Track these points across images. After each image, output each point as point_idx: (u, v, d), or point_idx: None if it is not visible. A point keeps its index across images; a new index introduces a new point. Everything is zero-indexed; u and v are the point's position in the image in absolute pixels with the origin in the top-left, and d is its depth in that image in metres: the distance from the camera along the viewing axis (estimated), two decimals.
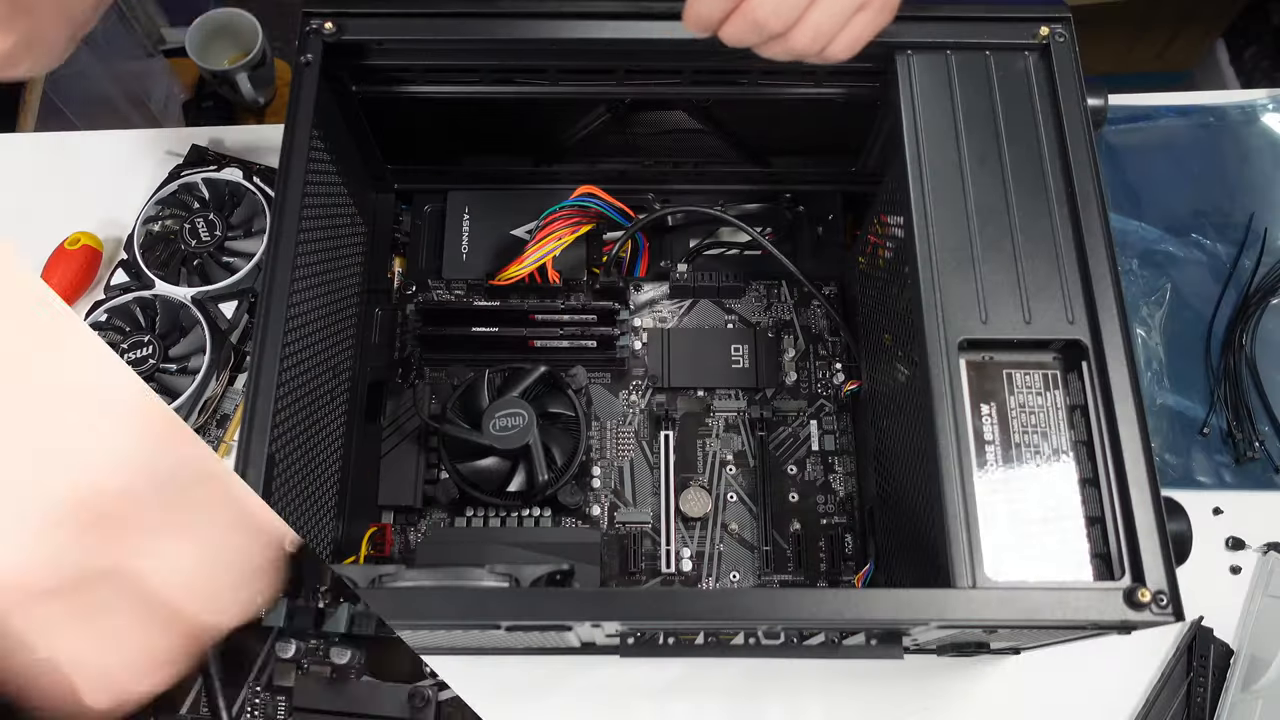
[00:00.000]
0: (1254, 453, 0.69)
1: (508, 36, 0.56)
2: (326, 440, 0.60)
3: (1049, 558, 0.46)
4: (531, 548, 0.62)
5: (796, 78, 0.60)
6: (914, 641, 0.53)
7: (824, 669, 0.64)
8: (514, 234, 0.70)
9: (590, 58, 0.58)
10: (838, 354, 0.70)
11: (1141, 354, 0.73)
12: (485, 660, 0.64)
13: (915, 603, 0.43)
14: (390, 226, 0.72)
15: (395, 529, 0.65)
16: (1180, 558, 0.46)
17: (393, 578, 0.46)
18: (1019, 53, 0.54)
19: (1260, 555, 0.67)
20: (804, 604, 0.43)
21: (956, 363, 0.48)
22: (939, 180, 0.51)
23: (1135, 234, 0.77)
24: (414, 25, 0.56)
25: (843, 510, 0.65)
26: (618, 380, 0.69)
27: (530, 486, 0.63)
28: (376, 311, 0.69)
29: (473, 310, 0.67)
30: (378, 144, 0.67)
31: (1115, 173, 0.79)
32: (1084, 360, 0.48)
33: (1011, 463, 0.47)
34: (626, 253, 0.70)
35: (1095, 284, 0.49)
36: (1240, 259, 0.76)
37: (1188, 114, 0.81)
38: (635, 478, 0.67)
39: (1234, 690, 0.63)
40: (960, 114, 0.53)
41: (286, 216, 0.51)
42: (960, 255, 0.50)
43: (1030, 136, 0.52)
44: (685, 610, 0.43)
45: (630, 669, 0.63)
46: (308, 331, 0.55)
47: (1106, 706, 0.63)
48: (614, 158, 0.70)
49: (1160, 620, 0.43)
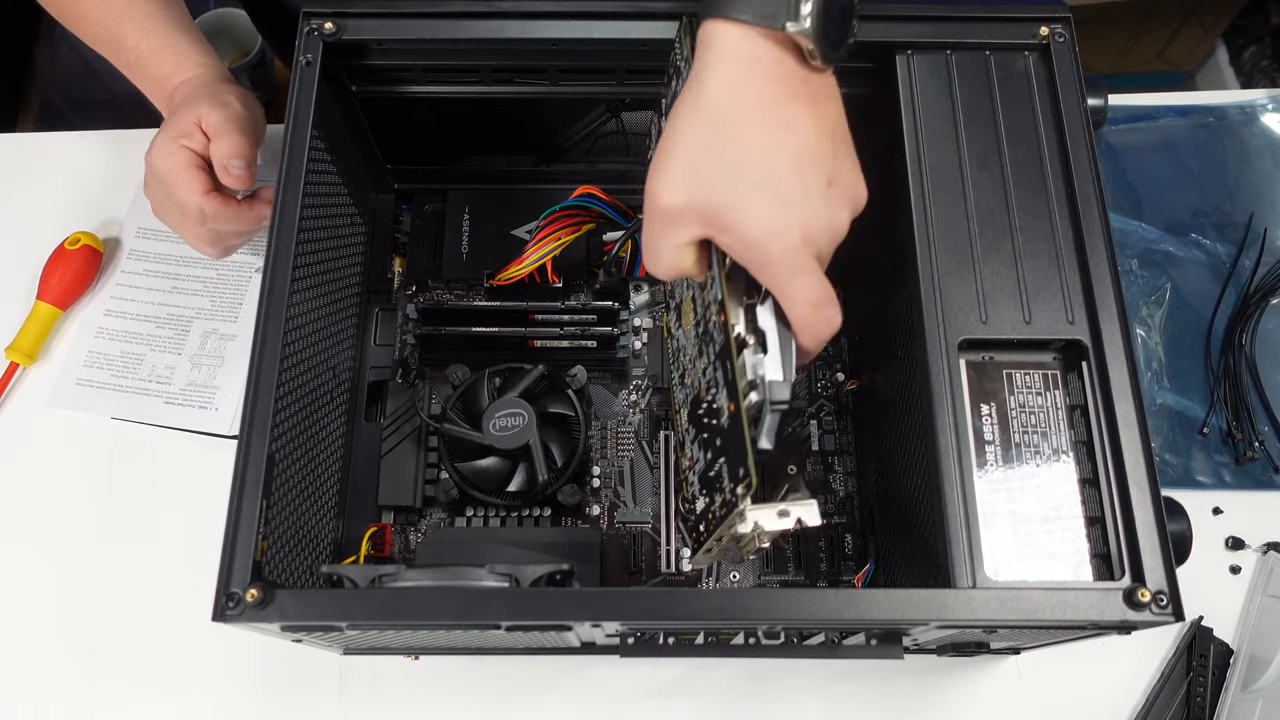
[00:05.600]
0: (1254, 453, 0.69)
1: (508, 36, 0.56)
2: (326, 440, 0.60)
3: (1049, 557, 0.46)
4: (531, 548, 0.62)
5: None
6: (914, 641, 0.53)
7: (824, 669, 0.64)
8: (514, 234, 0.70)
9: (590, 58, 0.58)
10: (838, 354, 0.70)
11: (1141, 354, 0.73)
12: (485, 660, 0.64)
13: (915, 603, 0.43)
14: (390, 226, 0.72)
15: (395, 529, 0.65)
16: (1180, 558, 0.46)
17: (393, 578, 0.46)
18: (1019, 53, 0.54)
19: (1260, 555, 0.67)
20: (804, 604, 0.43)
21: (956, 363, 0.48)
22: (939, 180, 0.51)
23: (1135, 234, 0.77)
24: (414, 25, 0.56)
25: (843, 510, 0.65)
26: (618, 380, 0.69)
27: (530, 486, 0.63)
28: (376, 311, 0.69)
29: (473, 310, 0.67)
30: (378, 144, 0.67)
31: (1115, 173, 0.79)
32: (1084, 360, 0.48)
33: (1011, 463, 0.47)
34: (626, 253, 0.70)
35: (1095, 284, 0.49)
36: (1240, 259, 0.76)
37: (1188, 114, 0.82)
38: (635, 478, 0.67)
39: (1234, 690, 0.63)
40: (960, 114, 0.53)
41: (286, 216, 0.51)
42: (960, 255, 0.50)
43: (1030, 136, 0.52)
44: (685, 610, 0.43)
45: (630, 669, 0.64)
46: (308, 331, 0.55)
47: (1106, 706, 0.63)
48: (614, 158, 0.70)
49: (1160, 620, 0.43)
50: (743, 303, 0.47)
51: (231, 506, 0.46)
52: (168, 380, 0.72)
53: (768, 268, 0.43)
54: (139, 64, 0.68)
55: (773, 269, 0.43)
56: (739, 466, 0.46)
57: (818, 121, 0.43)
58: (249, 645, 0.63)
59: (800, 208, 0.42)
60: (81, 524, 0.68)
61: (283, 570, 0.50)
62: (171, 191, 0.64)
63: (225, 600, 0.44)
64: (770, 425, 0.46)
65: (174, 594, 0.65)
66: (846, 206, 0.44)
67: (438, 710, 0.63)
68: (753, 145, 0.43)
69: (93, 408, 0.72)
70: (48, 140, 0.83)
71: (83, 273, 0.74)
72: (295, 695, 0.64)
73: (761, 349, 0.46)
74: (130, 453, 0.70)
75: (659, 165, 0.44)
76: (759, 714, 0.63)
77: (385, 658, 0.64)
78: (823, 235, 0.43)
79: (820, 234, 0.43)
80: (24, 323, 0.73)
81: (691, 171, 0.43)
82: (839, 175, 0.44)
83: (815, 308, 0.44)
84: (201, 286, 0.76)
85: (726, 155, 0.43)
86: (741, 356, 0.46)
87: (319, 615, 0.44)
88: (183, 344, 0.74)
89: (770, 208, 0.42)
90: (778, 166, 0.42)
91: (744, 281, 0.46)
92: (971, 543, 0.45)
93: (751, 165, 0.42)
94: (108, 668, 0.64)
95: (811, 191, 0.43)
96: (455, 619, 0.44)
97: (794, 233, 0.42)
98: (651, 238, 0.46)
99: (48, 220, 0.77)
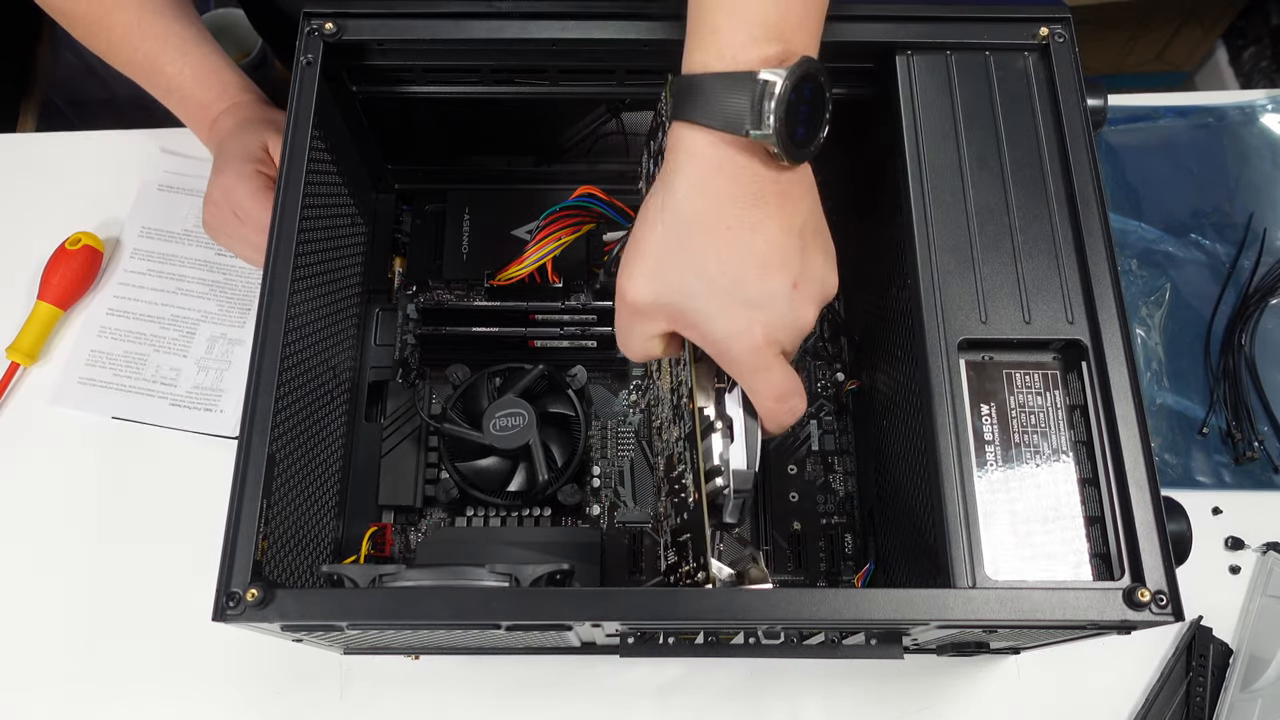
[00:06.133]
0: (1253, 453, 0.69)
1: (508, 36, 0.56)
2: (326, 440, 0.60)
3: (1049, 557, 0.46)
4: (531, 548, 0.62)
5: None
6: (914, 641, 0.53)
7: (824, 669, 0.64)
8: (514, 234, 0.70)
9: (590, 58, 0.58)
10: (838, 354, 0.70)
11: (1141, 354, 0.73)
12: (485, 660, 0.64)
13: (915, 603, 0.43)
14: (391, 226, 0.72)
15: (395, 529, 0.65)
16: (1180, 558, 0.46)
17: (393, 577, 0.46)
18: (1019, 53, 0.54)
19: (1259, 555, 0.67)
20: (804, 604, 0.43)
21: (956, 363, 0.48)
22: (939, 180, 0.51)
23: (1135, 234, 0.77)
24: (414, 25, 0.56)
25: (843, 510, 0.65)
26: (618, 380, 0.69)
27: (530, 486, 0.63)
28: (376, 311, 0.69)
29: (473, 310, 0.67)
30: (378, 144, 0.67)
31: (1115, 173, 0.79)
32: (1084, 360, 0.48)
33: (1011, 463, 0.47)
34: None
35: (1095, 284, 0.49)
36: (1239, 259, 0.76)
37: (1187, 114, 0.82)
38: (635, 478, 0.67)
39: (1233, 690, 0.63)
40: (960, 114, 0.53)
41: (286, 216, 0.51)
42: (960, 255, 0.50)
43: (1030, 136, 0.52)
44: (685, 610, 0.43)
45: (630, 669, 0.64)
46: (308, 331, 0.55)
47: (1106, 706, 0.63)
48: (614, 158, 0.70)
49: (1160, 620, 0.43)
50: (713, 386, 0.49)
51: (232, 506, 0.46)
52: (173, 382, 0.72)
53: (732, 364, 0.45)
54: (179, 90, 0.69)
55: (737, 365, 0.45)
56: (700, 555, 0.48)
57: (784, 222, 0.44)
58: (249, 645, 0.63)
59: (764, 310, 0.43)
60: (82, 523, 0.68)
61: (283, 570, 0.50)
62: (250, 215, 0.65)
63: (225, 600, 0.44)
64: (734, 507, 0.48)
65: (174, 594, 0.65)
66: (813, 303, 0.45)
67: (438, 710, 0.63)
68: (718, 248, 0.43)
69: (95, 407, 0.72)
70: (48, 140, 0.83)
71: (83, 273, 0.74)
72: (295, 695, 0.64)
73: (729, 435, 0.48)
74: (131, 452, 0.70)
75: (628, 262, 0.45)
76: (759, 714, 0.63)
77: (385, 658, 0.64)
78: (786, 334, 0.44)
79: (784, 333, 0.44)
80: (25, 323, 0.73)
81: (658, 271, 0.44)
82: (806, 273, 0.45)
83: (779, 400, 0.45)
84: (208, 290, 0.76)
85: (692, 257, 0.43)
86: (708, 440, 0.48)
87: (319, 615, 0.44)
88: (188, 346, 0.74)
89: (733, 311, 0.43)
90: (742, 269, 0.43)
91: (712, 366, 0.48)
92: (971, 542, 0.45)
93: (716, 268, 0.43)
94: (108, 667, 0.64)
95: (776, 293, 0.43)
96: (455, 619, 0.44)
97: (757, 333, 0.43)
98: (622, 328, 0.48)
99: (48, 220, 0.77)
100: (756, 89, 0.42)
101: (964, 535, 0.45)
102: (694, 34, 0.45)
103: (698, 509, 0.48)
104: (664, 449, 0.59)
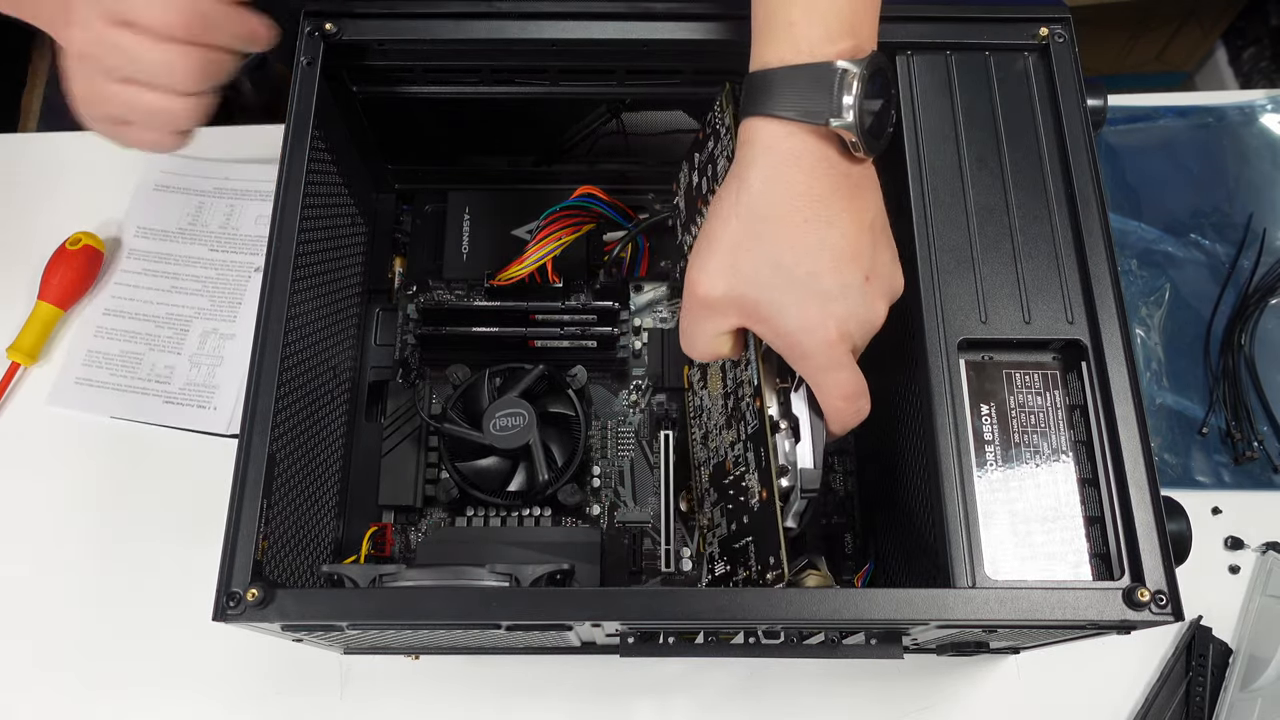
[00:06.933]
0: (1253, 452, 0.70)
1: (508, 36, 0.56)
2: (326, 440, 0.60)
3: (1048, 557, 0.46)
4: (531, 548, 0.62)
5: None
6: (914, 641, 0.53)
7: (824, 669, 0.64)
8: (514, 234, 0.70)
9: (590, 58, 0.58)
10: None
11: (1141, 354, 0.73)
12: (485, 660, 0.64)
13: (915, 602, 0.43)
14: (391, 227, 0.72)
15: (395, 529, 0.65)
16: (1179, 557, 0.46)
17: (393, 577, 0.46)
18: (1019, 53, 0.54)
19: (1259, 555, 0.67)
20: (804, 604, 0.43)
21: (956, 363, 0.48)
22: (939, 180, 0.52)
23: (1134, 234, 0.77)
24: (414, 25, 0.56)
25: (843, 510, 0.65)
26: (618, 380, 0.69)
27: (530, 486, 0.63)
28: (377, 311, 0.69)
29: (473, 310, 0.67)
30: (378, 144, 0.67)
31: (1115, 173, 0.79)
32: (1083, 360, 0.48)
33: (1011, 463, 0.47)
34: (627, 253, 0.70)
35: (1095, 284, 0.49)
36: (1239, 259, 0.76)
37: (1187, 114, 0.82)
38: (635, 478, 0.67)
39: (1233, 689, 0.63)
40: (960, 114, 0.53)
41: (286, 216, 0.52)
42: (960, 255, 0.50)
43: (1030, 137, 0.52)
44: (685, 610, 0.43)
45: (630, 669, 0.64)
46: (308, 331, 0.55)
47: (1106, 706, 0.63)
48: (614, 158, 0.70)
49: (1159, 620, 0.43)
50: (776, 386, 0.48)
51: (232, 506, 0.46)
52: (167, 380, 0.72)
53: (803, 360, 0.45)
54: None
55: (808, 362, 0.44)
56: (769, 554, 0.47)
57: (857, 216, 0.44)
58: (249, 645, 0.63)
59: (838, 303, 0.43)
60: (82, 523, 0.68)
61: (283, 570, 0.50)
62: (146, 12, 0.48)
63: (226, 600, 0.44)
64: (797, 509, 0.47)
65: (174, 594, 0.65)
66: (883, 298, 0.45)
67: (438, 710, 0.64)
68: (794, 241, 0.43)
69: (92, 407, 0.72)
70: (48, 140, 0.83)
71: (84, 273, 0.74)
72: (295, 695, 0.64)
73: (794, 435, 0.47)
74: (130, 452, 0.70)
75: (700, 255, 0.45)
76: (759, 714, 0.63)
77: (385, 658, 0.64)
78: (859, 329, 0.44)
79: (856, 328, 0.44)
80: (25, 323, 0.73)
81: (732, 265, 0.44)
82: (877, 268, 0.45)
83: (847, 400, 0.45)
84: (200, 286, 0.76)
85: (767, 250, 0.43)
86: (774, 439, 0.47)
87: (320, 615, 0.44)
88: (182, 343, 0.74)
89: (808, 304, 0.43)
90: (817, 263, 0.43)
91: (777, 364, 0.48)
92: (971, 542, 0.45)
93: (792, 261, 0.43)
94: (108, 668, 0.64)
95: (849, 287, 0.43)
96: (455, 619, 0.44)
97: (830, 328, 0.43)
98: (690, 324, 0.47)
99: (49, 220, 0.77)
100: (836, 79, 0.42)
101: (964, 535, 0.45)
102: (767, 29, 0.45)
103: (763, 509, 0.47)
104: (710, 457, 0.58)
